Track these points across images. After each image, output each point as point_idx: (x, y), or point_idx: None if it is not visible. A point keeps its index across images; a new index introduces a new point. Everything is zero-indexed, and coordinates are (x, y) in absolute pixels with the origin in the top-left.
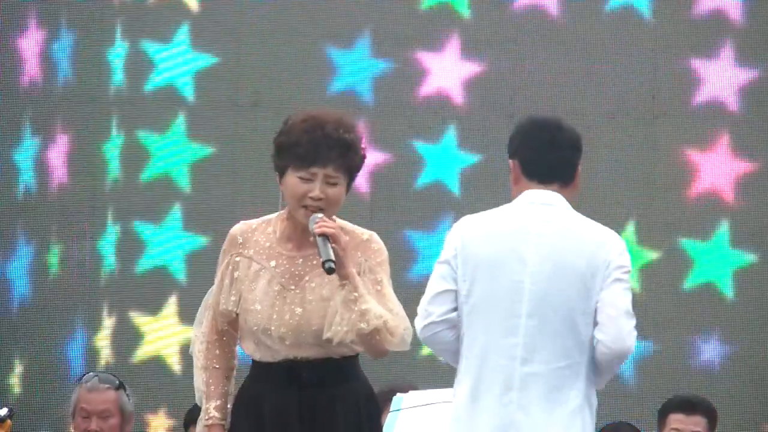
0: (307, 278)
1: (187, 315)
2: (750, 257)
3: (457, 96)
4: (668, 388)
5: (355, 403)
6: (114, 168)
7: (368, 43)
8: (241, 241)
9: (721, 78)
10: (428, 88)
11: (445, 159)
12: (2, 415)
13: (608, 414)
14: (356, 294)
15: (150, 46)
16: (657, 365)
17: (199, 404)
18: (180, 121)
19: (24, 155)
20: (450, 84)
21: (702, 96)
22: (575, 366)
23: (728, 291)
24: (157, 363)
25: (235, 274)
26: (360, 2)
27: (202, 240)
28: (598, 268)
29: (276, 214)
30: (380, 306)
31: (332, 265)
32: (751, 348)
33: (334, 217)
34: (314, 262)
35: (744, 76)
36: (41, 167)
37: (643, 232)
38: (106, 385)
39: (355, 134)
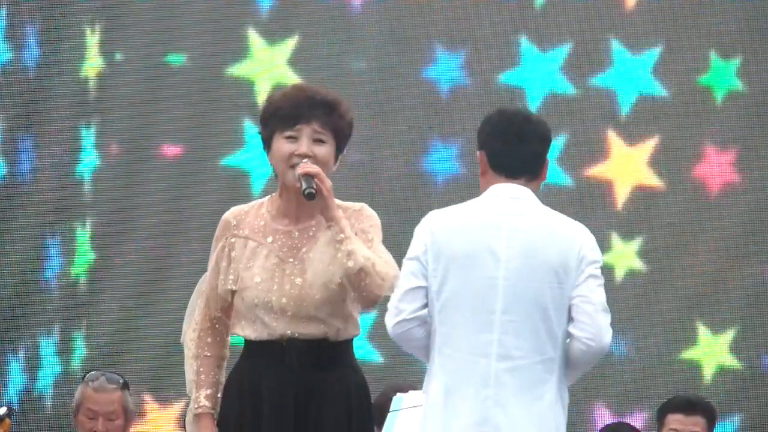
0: (304, 249)
1: None
2: None
3: None
4: None
5: (346, 387)
6: None
7: None
8: (234, 223)
9: None
10: None
11: None
12: (1, 414)
13: None
14: (342, 235)
15: None
16: None
17: (189, 395)
18: None
19: None
20: None
21: None
22: (549, 361)
23: None
24: None
25: (232, 254)
26: None
27: None
28: (571, 264)
29: (267, 197)
30: (370, 251)
31: (311, 191)
32: None
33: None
34: (311, 233)
35: None
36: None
37: None
38: (113, 386)
39: (340, 99)
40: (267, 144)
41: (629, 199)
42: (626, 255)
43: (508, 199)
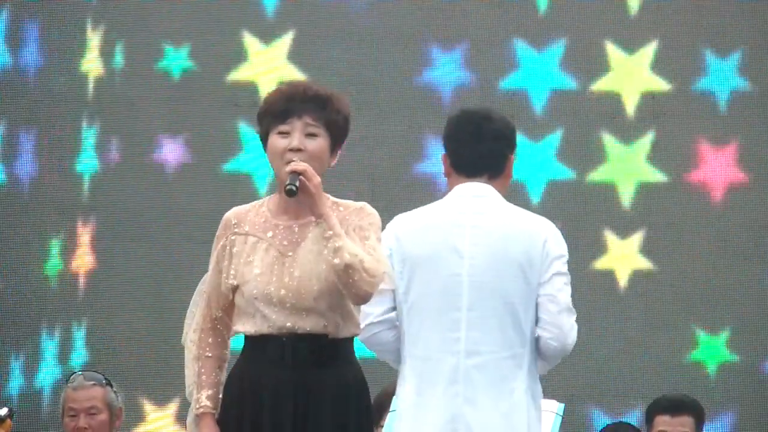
0: (303, 243)
1: None
2: None
3: None
4: None
5: (346, 384)
6: None
7: None
8: (235, 222)
9: None
10: None
11: None
12: (2, 414)
13: None
14: (331, 232)
15: None
16: None
17: (188, 398)
18: None
19: None
20: None
21: None
22: (518, 357)
23: None
24: None
25: (234, 250)
26: None
27: None
28: (536, 258)
29: (268, 197)
30: (359, 248)
31: (292, 188)
32: None
33: (326, 194)
34: (311, 228)
35: None
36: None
37: None
38: (92, 382)
39: (334, 94)
40: (264, 142)
41: (629, 198)
42: (628, 255)
43: (470, 198)
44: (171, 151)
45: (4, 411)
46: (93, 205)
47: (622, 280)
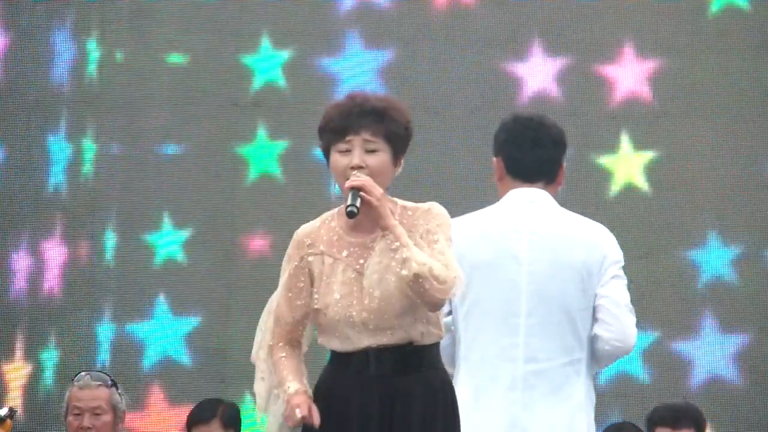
0: (370, 258)
1: None
2: None
3: None
4: None
5: (432, 389)
6: None
7: None
8: (308, 242)
9: None
10: None
11: None
12: (2, 414)
13: None
14: (397, 243)
15: None
16: None
17: (259, 413)
18: None
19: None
20: None
21: None
22: (576, 362)
23: None
24: None
25: (314, 273)
26: None
27: None
28: (594, 265)
29: (336, 209)
30: (427, 256)
31: (353, 209)
32: None
33: (395, 199)
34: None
35: None
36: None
37: None
38: (98, 383)
39: (392, 104)
40: (326, 157)
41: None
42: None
43: (527, 204)
44: (170, 149)
45: (4, 411)
46: (93, 204)
47: None
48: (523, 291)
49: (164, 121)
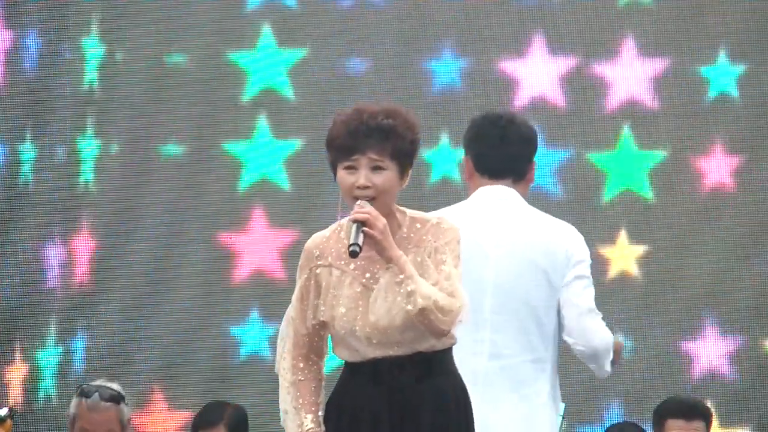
0: (377, 285)
1: None
2: None
3: None
4: None
5: (444, 394)
6: None
7: None
8: (317, 254)
9: None
10: None
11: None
12: (2, 415)
13: None
14: (402, 276)
15: None
16: None
17: (282, 424)
18: None
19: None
20: None
21: None
22: (540, 361)
23: None
24: None
25: (322, 284)
26: None
27: None
28: (559, 263)
29: (345, 220)
30: (432, 286)
31: (356, 249)
32: None
33: (405, 209)
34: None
35: None
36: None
37: None
38: (108, 404)
39: (398, 120)
40: (333, 171)
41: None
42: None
43: (494, 201)
44: (170, 149)
45: (4, 411)
46: (93, 204)
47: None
48: (490, 287)
49: (164, 121)
